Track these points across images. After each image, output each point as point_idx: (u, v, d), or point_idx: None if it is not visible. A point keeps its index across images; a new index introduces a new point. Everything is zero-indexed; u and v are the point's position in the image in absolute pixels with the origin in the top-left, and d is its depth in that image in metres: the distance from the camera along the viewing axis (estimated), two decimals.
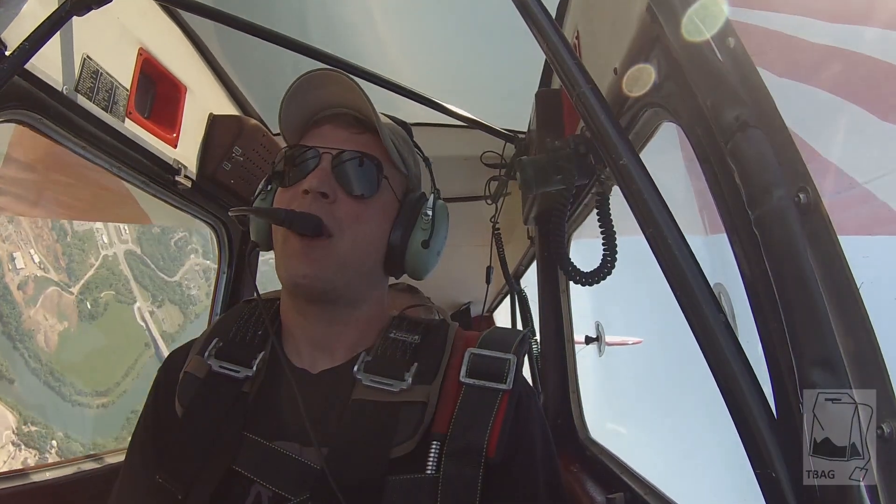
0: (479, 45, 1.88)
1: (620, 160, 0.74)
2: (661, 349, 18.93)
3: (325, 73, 0.83)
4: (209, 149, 1.86)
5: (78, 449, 40.37)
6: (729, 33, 0.69)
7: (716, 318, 0.63)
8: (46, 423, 40.18)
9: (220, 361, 0.85)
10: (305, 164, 0.83)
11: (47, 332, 42.32)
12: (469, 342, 0.87)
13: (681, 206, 0.86)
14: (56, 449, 39.51)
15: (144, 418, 0.90)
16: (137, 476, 0.86)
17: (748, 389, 0.60)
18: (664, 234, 0.69)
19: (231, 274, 2.17)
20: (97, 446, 41.41)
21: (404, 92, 1.72)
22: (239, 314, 0.93)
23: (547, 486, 0.82)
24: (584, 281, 1.23)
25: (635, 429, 8.65)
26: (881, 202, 0.77)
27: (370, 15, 1.86)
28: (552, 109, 1.62)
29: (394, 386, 0.79)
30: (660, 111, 0.94)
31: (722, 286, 0.79)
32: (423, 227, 0.88)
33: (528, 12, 0.84)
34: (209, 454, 0.79)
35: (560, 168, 1.22)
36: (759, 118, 0.64)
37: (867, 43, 0.74)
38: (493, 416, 0.77)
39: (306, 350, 0.87)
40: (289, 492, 0.76)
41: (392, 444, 0.76)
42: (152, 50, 1.54)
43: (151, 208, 2.29)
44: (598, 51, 1.20)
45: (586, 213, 1.73)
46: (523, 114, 1.91)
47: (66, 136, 1.32)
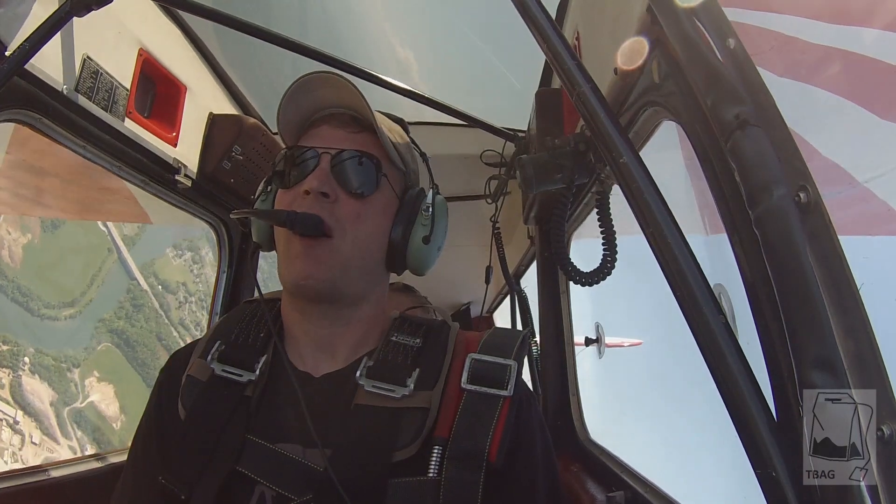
0: (479, 45, 1.89)
1: (620, 159, 0.74)
2: (661, 350, 18.96)
3: (321, 76, 0.83)
4: (209, 148, 1.86)
5: (49, 363, 40.47)
6: (729, 33, 0.69)
7: (716, 319, 0.63)
8: (17, 340, 40.30)
9: (222, 365, 0.85)
10: (305, 165, 0.84)
11: (11, 247, 42.11)
12: (470, 345, 0.87)
13: (681, 205, 0.86)
14: (28, 365, 39.58)
15: (147, 419, 0.90)
16: (140, 476, 0.86)
17: (748, 390, 0.60)
18: (664, 234, 0.68)
19: (231, 274, 2.17)
20: (68, 358, 41.89)
21: (404, 91, 1.72)
22: (240, 316, 0.93)
23: (547, 490, 0.83)
24: (584, 281, 1.23)
25: (635, 429, 8.66)
26: (881, 201, 0.77)
27: (370, 15, 1.87)
28: (552, 108, 1.62)
29: (396, 392, 0.79)
30: (659, 110, 0.94)
31: (722, 286, 0.79)
32: (423, 223, 0.89)
33: (528, 12, 0.84)
34: (212, 456, 0.79)
35: (560, 167, 1.22)
36: (759, 116, 0.64)
37: (867, 43, 0.74)
38: (495, 421, 0.78)
39: (308, 352, 0.87)
40: (292, 492, 0.76)
41: (394, 448, 0.76)
42: (152, 50, 1.54)
43: (151, 208, 2.29)
44: (598, 51, 1.20)
45: (586, 212, 1.73)
46: (523, 113, 1.91)
47: (66, 135, 1.32)
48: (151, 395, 0.92)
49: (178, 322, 52.39)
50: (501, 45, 4.69)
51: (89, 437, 41.11)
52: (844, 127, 0.80)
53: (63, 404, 40.89)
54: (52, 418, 39.45)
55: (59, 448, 38.67)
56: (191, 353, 0.90)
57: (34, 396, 39.19)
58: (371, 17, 9.16)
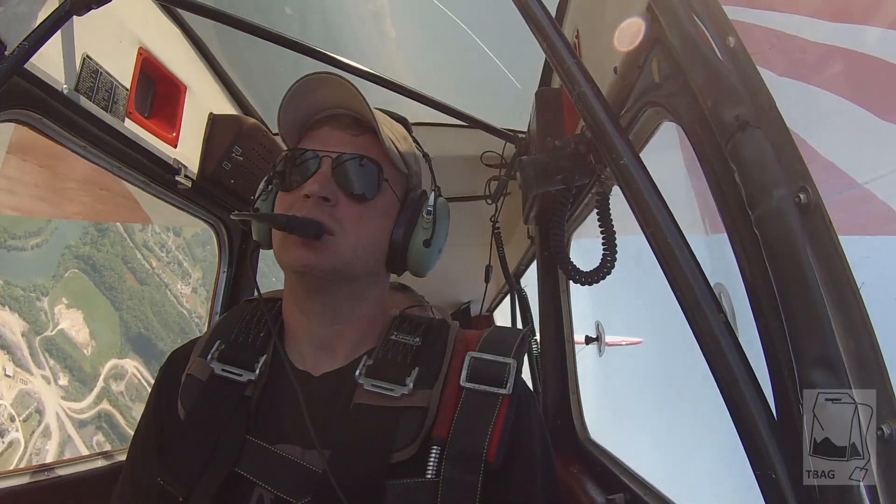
0: (480, 45, 1.89)
1: (620, 159, 0.74)
2: (661, 349, 18.96)
3: (321, 77, 0.83)
4: (209, 148, 1.86)
5: (19, 294, 40.23)
6: (729, 33, 0.69)
7: (716, 318, 0.63)
8: None
9: (222, 364, 0.85)
10: (306, 168, 0.83)
11: None
12: (469, 344, 0.87)
13: (681, 205, 0.86)
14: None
15: (146, 419, 0.90)
16: (138, 477, 0.86)
17: (748, 389, 0.60)
18: (664, 234, 0.69)
19: (231, 273, 2.17)
20: (37, 287, 41.73)
21: (404, 91, 1.72)
22: (240, 315, 0.93)
23: (546, 491, 0.83)
24: (584, 281, 1.23)
25: (634, 429, 8.67)
26: (881, 202, 0.77)
27: (370, 15, 1.87)
28: (552, 109, 1.62)
29: (395, 391, 0.79)
30: (660, 111, 0.94)
31: (722, 286, 0.79)
32: (424, 226, 0.88)
33: (528, 12, 0.84)
34: (211, 457, 0.79)
35: (560, 168, 1.22)
36: (760, 117, 0.64)
37: (867, 43, 0.74)
38: (493, 420, 0.78)
39: (308, 351, 0.87)
40: (291, 495, 0.76)
41: (393, 448, 0.76)
42: (152, 50, 1.54)
43: (151, 208, 2.29)
44: (598, 51, 1.20)
45: (586, 213, 1.73)
46: (523, 113, 1.91)
47: (65, 135, 1.32)
48: (151, 394, 0.92)
49: (142, 244, 52.28)
50: (501, 45, 4.74)
51: (61, 364, 40.93)
52: (844, 127, 0.80)
53: (34, 334, 40.72)
54: (24, 349, 39.18)
55: (33, 379, 38.52)
56: (190, 352, 0.90)
57: (6, 328, 38.96)
58: (371, 17, 9.11)
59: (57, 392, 40.11)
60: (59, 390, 40.35)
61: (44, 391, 39.09)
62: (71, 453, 36.78)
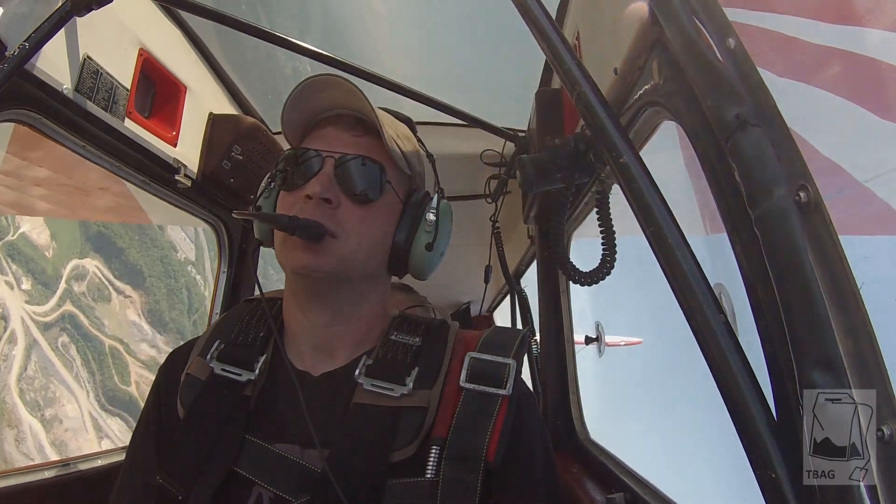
0: (480, 45, 1.90)
1: (620, 158, 0.74)
2: (661, 349, 18.95)
3: (327, 78, 0.83)
4: (209, 148, 1.86)
5: None
6: (729, 33, 0.69)
7: (716, 318, 0.63)
8: None
9: (222, 364, 0.85)
10: (309, 168, 0.83)
11: None
12: (469, 344, 0.87)
13: (681, 205, 0.86)
14: None
15: (146, 418, 0.91)
16: (137, 476, 0.86)
17: (748, 390, 0.60)
18: (664, 234, 0.68)
19: (231, 273, 2.17)
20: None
21: (404, 91, 1.72)
22: (240, 314, 0.93)
23: (545, 491, 0.83)
24: (584, 281, 1.23)
25: (634, 429, 8.67)
26: (881, 201, 0.77)
27: (370, 15, 1.87)
28: (552, 108, 1.62)
29: (395, 391, 0.79)
30: (659, 110, 0.94)
31: (722, 286, 0.79)
32: (426, 229, 0.88)
33: (528, 12, 0.84)
34: (210, 456, 0.79)
35: (560, 167, 1.22)
36: (760, 116, 0.64)
37: (868, 43, 0.73)
38: (493, 421, 0.78)
39: (308, 351, 0.87)
40: (290, 494, 0.76)
41: (392, 448, 0.76)
42: (152, 50, 1.54)
43: (151, 207, 2.29)
44: (599, 52, 1.20)
45: (586, 212, 1.73)
46: (523, 113, 1.91)
47: (66, 135, 1.32)
48: (150, 393, 0.92)
49: None
50: (501, 45, 4.69)
51: (24, 269, 40.45)
52: (844, 127, 0.80)
53: None
54: None
55: None
56: (189, 351, 0.90)
57: None
58: (371, 18, 9.17)
59: (21, 296, 39.68)
60: (22, 294, 39.88)
61: (8, 297, 38.69)
62: (37, 357, 36.98)
